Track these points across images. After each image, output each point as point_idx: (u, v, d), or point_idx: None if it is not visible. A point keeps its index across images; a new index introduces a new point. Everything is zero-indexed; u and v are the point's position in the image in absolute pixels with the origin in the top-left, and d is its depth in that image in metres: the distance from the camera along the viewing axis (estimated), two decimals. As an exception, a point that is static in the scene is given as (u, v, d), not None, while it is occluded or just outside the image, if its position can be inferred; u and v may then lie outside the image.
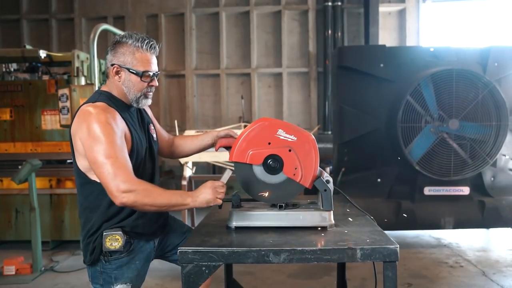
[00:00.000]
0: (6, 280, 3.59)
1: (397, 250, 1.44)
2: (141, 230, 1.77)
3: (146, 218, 1.77)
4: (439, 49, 4.20)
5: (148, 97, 1.79)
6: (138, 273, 1.78)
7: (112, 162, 1.55)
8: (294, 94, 7.62)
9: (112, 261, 1.71)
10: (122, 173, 1.55)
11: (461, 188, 4.09)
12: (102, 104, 1.68)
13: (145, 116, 1.89)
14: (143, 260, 1.80)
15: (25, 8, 7.88)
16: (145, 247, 1.81)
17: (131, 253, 1.75)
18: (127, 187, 1.54)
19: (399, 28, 7.50)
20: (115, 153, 1.57)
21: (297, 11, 7.58)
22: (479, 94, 3.90)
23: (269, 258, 1.45)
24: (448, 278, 3.52)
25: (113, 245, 1.68)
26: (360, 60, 4.17)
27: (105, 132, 1.58)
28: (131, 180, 1.56)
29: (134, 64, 1.71)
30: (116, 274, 1.72)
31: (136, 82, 1.73)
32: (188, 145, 2.08)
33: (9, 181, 4.21)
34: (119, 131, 1.64)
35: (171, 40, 7.77)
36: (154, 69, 1.76)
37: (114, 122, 1.63)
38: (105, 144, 1.57)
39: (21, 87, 4.46)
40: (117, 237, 1.68)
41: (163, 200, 1.58)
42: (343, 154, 4.24)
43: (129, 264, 1.74)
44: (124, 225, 1.72)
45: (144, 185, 1.58)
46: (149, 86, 1.76)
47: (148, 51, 1.73)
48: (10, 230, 4.47)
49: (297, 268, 3.73)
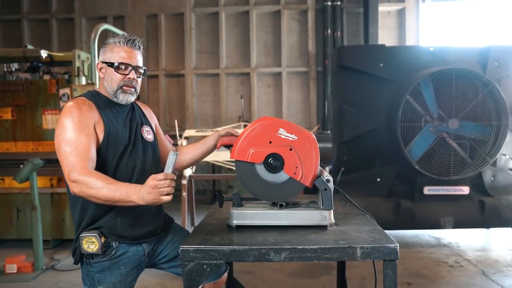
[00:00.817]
0: (8, 278, 3.61)
1: (397, 249, 1.45)
2: (121, 232, 1.70)
3: (124, 218, 1.71)
4: (438, 49, 4.21)
5: (127, 92, 1.75)
6: (122, 279, 1.71)
7: (70, 151, 1.56)
8: (293, 93, 7.64)
9: (93, 264, 1.68)
10: (76, 163, 1.54)
11: (461, 187, 4.10)
12: (80, 98, 1.72)
13: (137, 117, 1.85)
14: (128, 267, 1.73)
15: (26, 8, 7.89)
16: (131, 253, 1.74)
17: (114, 257, 1.69)
18: (75, 177, 1.52)
19: (398, 27, 7.52)
20: (74, 140, 1.58)
21: (297, 11, 7.59)
22: (479, 93, 3.91)
23: (270, 257, 1.46)
24: (448, 277, 3.53)
25: (90, 247, 1.64)
26: (359, 60, 4.18)
27: (69, 119, 1.61)
28: (80, 170, 1.53)
29: (111, 58, 1.73)
30: (99, 278, 1.69)
31: (113, 75, 1.73)
32: (191, 152, 2.01)
33: (10, 180, 4.22)
34: (87, 121, 1.64)
35: (171, 40, 7.78)
36: (131, 62, 1.74)
37: (82, 112, 1.64)
38: (66, 131, 1.59)
39: (23, 86, 4.47)
40: (92, 239, 1.63)
41: (106, 193, 1.49)
42: (343, 153, 4.25)
43: (111, 268, 1.69)
44: (101, 226, 1.68)
45: (92, 176, 1.51)
46: (127, 79, 1.74)
47: (126, 45, 1.74)
48: (11, 229, 4.49)
49: (297, 267, 3.74)
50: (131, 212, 1.71)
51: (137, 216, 1.74)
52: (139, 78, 1.79)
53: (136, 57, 1.76)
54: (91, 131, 1.64)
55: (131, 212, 1.71)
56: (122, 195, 1.49)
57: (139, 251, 1.77)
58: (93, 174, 1.54)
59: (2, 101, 4.47)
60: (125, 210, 1.69)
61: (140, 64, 1.78)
